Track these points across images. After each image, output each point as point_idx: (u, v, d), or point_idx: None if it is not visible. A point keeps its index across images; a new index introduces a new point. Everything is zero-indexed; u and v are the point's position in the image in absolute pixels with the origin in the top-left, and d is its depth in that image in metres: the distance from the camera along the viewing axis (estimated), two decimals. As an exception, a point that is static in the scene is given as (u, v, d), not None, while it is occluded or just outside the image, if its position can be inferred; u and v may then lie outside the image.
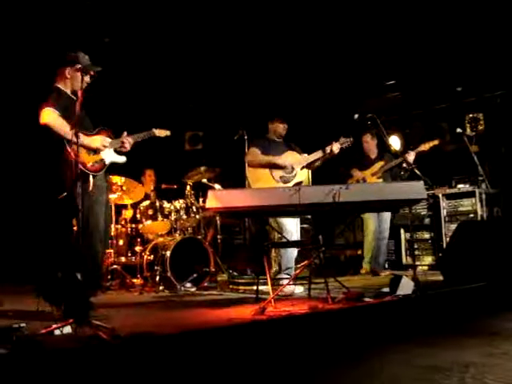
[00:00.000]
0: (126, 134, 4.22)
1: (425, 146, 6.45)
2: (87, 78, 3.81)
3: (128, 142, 4.16)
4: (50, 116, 3.69)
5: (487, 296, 4.47)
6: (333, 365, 2.79)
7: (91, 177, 3.72)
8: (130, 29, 6.69)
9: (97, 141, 3.82)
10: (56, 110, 3.73)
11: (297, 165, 5.59)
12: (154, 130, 4.52)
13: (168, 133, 4.75)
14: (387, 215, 6.99)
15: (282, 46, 7.26)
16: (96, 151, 3.84)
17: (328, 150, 5.53)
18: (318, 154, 5.64)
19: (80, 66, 3.79)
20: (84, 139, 3.70)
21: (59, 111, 3.75)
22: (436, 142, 6.49)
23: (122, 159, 4.10)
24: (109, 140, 3.95)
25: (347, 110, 5.85)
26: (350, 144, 5.70)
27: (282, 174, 5.51)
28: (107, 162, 3.85)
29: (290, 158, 5.61)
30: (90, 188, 3.69)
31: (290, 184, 5.46)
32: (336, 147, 5.53)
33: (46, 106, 3.73)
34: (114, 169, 6.19)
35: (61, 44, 6.30)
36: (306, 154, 5.70)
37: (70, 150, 3.63)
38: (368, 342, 3.22)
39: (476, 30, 6.77)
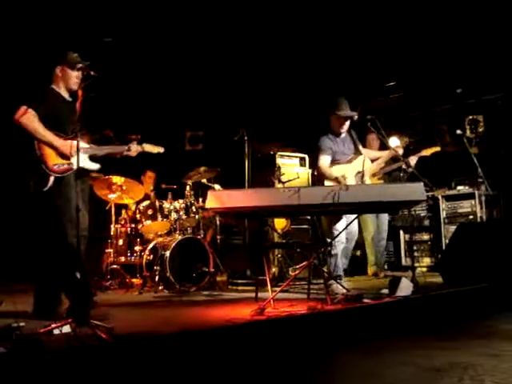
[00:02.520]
0: (136, 142, 4.22)
1: (426, 152, 6.39)
2: (79, 74, 3.85)
3: (135, 149, 4.21)
4: (24, 115, 3.69)
5: (486, 297, 4.48)
6: (331, 365, 2.80)
7: (51, 177, 3.72)
8: (130, 29, 6.69)
9: (67, 147, 3.78)
10: (36, 109, 3.72)
11: (368, 173, 5.50)
12: (145, 144, 4.34)
13: (161, 150, 4.48)
14: (385, 216, 6.98)
15: (283, 46, 7.25)
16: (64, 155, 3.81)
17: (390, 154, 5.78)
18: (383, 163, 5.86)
19: (68, 62, 3.87)
20: (55, 141, 3.74)
21: (42, 111, 3.74)
22: (438, 149, 6.41)
23: (94, 166, 4.03)
24: (84, 146, 3.90)
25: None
26: None
27: (356, 182, 5.39)
28: (75, 166, 3.73)
29: (360, 164, 5.45)
30: (46, 187, 3.69)
31: None
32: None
33: (24, 104, 3.72)
34: (113, 169, 6.25)
35: (63, 44, 6.32)
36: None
37: (36, 148, 3.71)
38: (367, 343, 3.23)
39: (476, 31, 6.78)
